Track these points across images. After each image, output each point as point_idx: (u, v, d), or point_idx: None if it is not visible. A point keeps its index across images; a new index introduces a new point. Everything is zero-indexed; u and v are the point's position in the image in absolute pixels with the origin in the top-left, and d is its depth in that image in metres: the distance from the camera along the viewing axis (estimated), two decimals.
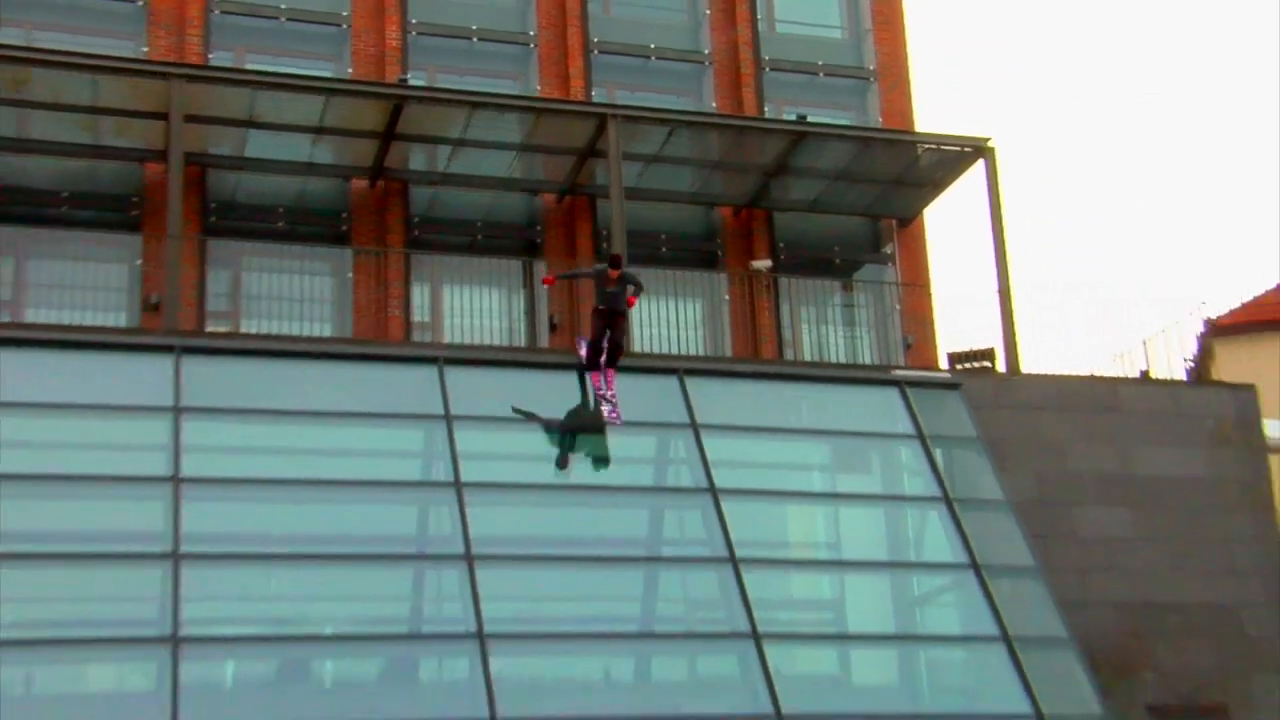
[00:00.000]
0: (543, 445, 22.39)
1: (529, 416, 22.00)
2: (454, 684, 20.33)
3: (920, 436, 23.27)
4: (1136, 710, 22.47)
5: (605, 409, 21.69)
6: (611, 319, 21.75)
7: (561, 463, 22.14)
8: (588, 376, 22.14)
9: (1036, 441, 24.24)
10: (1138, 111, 75.79)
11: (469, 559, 20.11)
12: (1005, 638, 21.14)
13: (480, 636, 19.38)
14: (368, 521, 21.24)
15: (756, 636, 20.31)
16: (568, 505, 21.98)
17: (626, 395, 21.84)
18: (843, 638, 22.65)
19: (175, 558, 19.16)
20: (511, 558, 20.86)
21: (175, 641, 18.47)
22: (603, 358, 21.94)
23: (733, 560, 21.03)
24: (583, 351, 22.28)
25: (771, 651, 20.24)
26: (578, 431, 22.26)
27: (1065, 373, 26.08)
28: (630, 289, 21.88)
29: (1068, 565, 23.17)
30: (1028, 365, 25.60)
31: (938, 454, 23.14)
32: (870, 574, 23.10)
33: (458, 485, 20.83)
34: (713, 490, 21.71)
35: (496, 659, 19.27)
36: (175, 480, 19.90)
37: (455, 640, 20.10)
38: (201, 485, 20.13)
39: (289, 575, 20.55)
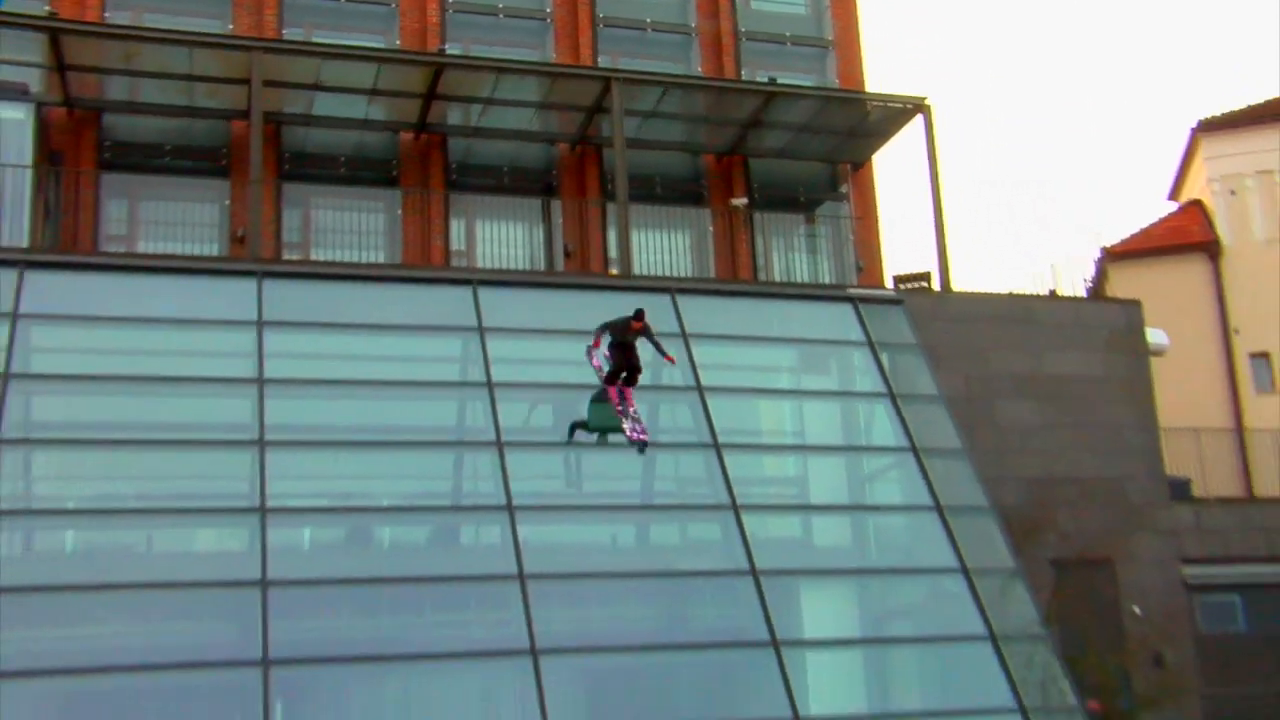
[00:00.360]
0: (560, 352, 22.51)
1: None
2: (488, 547, 20.58)
3: (869, 344, 23.33)
4: (1040, 563, 22.73)
5: (627, 425, 19.91)
6: (627, 350, 19.93)
7: (575, 366, 22.11)
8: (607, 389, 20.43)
9: (965, 348, 24.40)
10: (1054, 67, 75.47)
11: (499, 445, 20.32)
12: (937, 507, 21.41)
13: (509, 508, 19.61)
14: (416, 415, 21.47)
15: (735, 507, 20.54)
16: (581, 400, 22.14)
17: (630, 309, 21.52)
18: (805, 508, 22.85)
19: (261, 444, 19.41)
20: (535, 444, 21.10)
21: (263, 511, 18.79)
22: (620, 380, 20.25)
23: (716, 445, 21.21)
24: (595, 363, 20.42)
25: (748, 519, 20.48)
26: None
27: (988, 291, 26.26)
28: (656, 346, 20.05)
29: (988, 448, 23.41)
30: (958, 284, 25.75)
31: (884, 358, 23.20)
32: (828, 456, 23.23)
33: (490, 385, 20.95)
34: (699, 388, 21.83)
35: (523, 526, 19.53)
36: (260, 381, 20.08)
37: (489, 511, 20.32)
38: (281, 385, 20.29)
39: (353, 458, 20.77)
